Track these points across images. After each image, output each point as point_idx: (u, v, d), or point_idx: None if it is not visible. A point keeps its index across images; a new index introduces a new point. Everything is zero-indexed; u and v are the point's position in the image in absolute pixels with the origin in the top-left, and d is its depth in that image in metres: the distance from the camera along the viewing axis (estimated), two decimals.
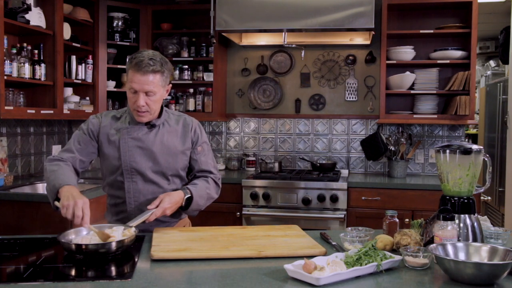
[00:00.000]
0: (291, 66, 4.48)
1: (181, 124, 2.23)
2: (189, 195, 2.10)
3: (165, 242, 1.84)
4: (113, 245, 1.70)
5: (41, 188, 3.48)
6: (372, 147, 4.09)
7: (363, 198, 3.73)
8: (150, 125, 2.15)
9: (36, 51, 3.43)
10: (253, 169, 4.43)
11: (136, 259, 1.71)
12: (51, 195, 1.97)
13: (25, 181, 3.52)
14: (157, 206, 1.99)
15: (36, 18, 3.36)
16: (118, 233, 1.81)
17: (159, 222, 2.15)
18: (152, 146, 2.13)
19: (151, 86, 2.03)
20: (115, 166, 2.14)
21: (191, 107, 4.38)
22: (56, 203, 1.93)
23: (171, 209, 2.04)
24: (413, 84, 4.08)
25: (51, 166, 2.07)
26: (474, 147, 1.84)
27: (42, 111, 3.42)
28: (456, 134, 4.27)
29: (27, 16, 3.27)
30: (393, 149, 4.13)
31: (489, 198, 5.51)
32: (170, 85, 2.19)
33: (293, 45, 4.01)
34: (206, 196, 2.17)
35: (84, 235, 1.84)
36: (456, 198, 1.84)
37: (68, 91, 3.95)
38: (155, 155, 2.13)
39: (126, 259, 1.72)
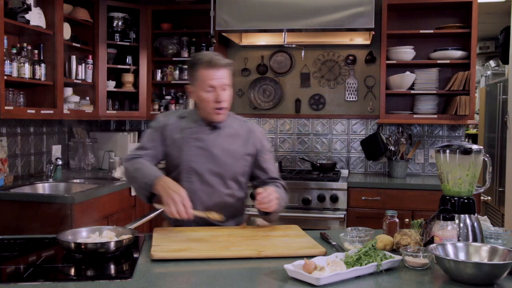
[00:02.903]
0: (291, 66, 4.48)
1: (244, 129, 2.24)
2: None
3: (165, 242, 1.84)
4: (112, 244, 1.70)
5: (41, 188, 3.48)
6: (372, 147, 4.09)
7: (363, 198, 3.73)
8: (213, 127, 2.17)
9: (36, 51, 3.43)
10: None
11: (136, 259, 1.70)
12: (144, 193, 2.04)
13: (25, 181, 3.51)
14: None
15: (36, 18, 3.36)
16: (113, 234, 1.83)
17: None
18: (213, 148, 2.14)
19: (227, 80, 2.11)
20: (175, 164, 2.16)
21: (191, 107, 4.37)
22: (157, 205, 1.95)
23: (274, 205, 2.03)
24: (413, 84, 4.08)
25: (132, 164, 2.11)
26: (474, 147, 1.84)
27: (42, 111, 3.42)
28: (456, 134, 4.27)
29: (27, 16, 3.27)
30: (393, 149, 4.13)
31: (489, 198, 5.51)
32: None
33: (293, 45, 4.01)
34: (283, 201, 2.17)
35: (83, 236, 1.84)
36: (456, 198, 1.84)
37: (68, 91, 3.95)
38: (215, 157, 2.14)
39: (126, 258, 1.72)
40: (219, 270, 1.59)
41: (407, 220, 3.31)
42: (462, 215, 1.82)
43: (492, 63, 7.33)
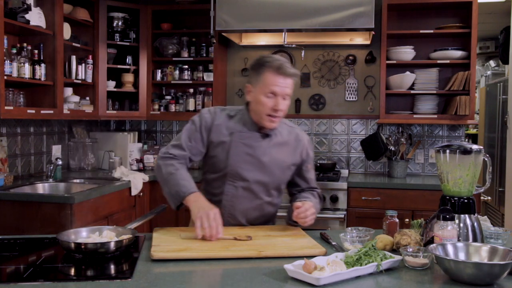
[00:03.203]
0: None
1: (293, 137, 2.20)
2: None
3: (165, 242, 1.83)
4: (112, 244, 1.70)
5: (41, 188, 3.48)
6: (372, 147, 4.09)
7: (363, 198, 3.73)
8: (265, 134, 2.12)
9: (36, 51, 3.43)
10: None
11: (136, 259, 1.70)
12: (174, 201, 2.00)
13: (25, 181, 3.51)
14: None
15: (36, 18, 3.36)
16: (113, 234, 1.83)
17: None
18: (262, 156, 2.10)
19: (290, 90, 2.05)
20: (219, 167, 2.10)
21: (191, 107, 4.38)
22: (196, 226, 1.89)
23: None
24: (413, 84, 4.08)
25: (166, 166, 2.05)
26: (474, 147, 1.84)
27: (42, 111, 3.42)
28: (456, 134, 4.27)
29: (27, 16, 3.27)
30: (393, 149, 4.12)
31: (489, 198, 5.51)
32: None
33: (293, 45, 4.01)
34: (318, 211, 2.16)
35: (83, 236, 1.84)
36: (456, 198, 1.84)
37: (68, 91, 3.95)
38: (263, 165, 2.10)
39: (126, 258, 1.72)
40: (219, 270, 1.59)
41: (407, 220, 3.32)
42: (462, 215, 1.82)
43: (492, 63, 7.33)
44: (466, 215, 1.82)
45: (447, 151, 1.85)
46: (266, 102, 2.02)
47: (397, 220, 1.95)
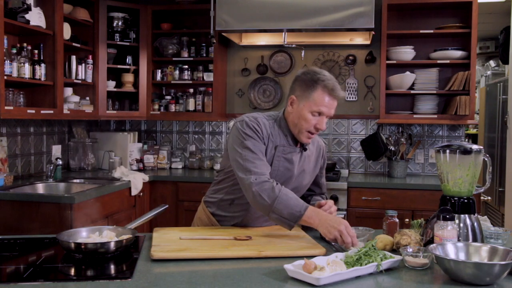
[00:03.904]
0: (291, 66, 4.48)
1: (315, 147, 2.23)
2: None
3: (165, 242, 1.83)
4: (112, 244, 1.70)
5: (41, 188, 3.48)
6: (372, 147, 4.09)
7: (363, 198, 3.73)
8: (303, 148, 2.13)
9: (36, 51, 3.43)
10: None
11: (136, 259, 1.70)
12: (289, 223, 1.89)
13: (25, 181, 3.51)
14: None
15: (36, 18, 3.36)
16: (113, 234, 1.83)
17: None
18: (295, 170, 2.11)
19: (334, 111, 2.04)
20: None
21: (191, 107, 4.38)
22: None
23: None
24: (413, 84, 4.08)
25: (268, 193, 1.90)
26: (474, 147, 1.84)
27: (42, 111, 3.42)
28: (456, 134, 4.27)
29: (27, 16, 3.27)
30: (393, 149, 4.12)
31: (489, 198, 5.51)
32: None
33: (293, 45, 4.01)
34: None
35: (83, 236, 1.84)
36: (456, 198, 1.84)
37: (68, 91, 3.95)
38: (294, 177, 2.11)
39: (126, 258, 1.72)
40: (219, 270, 1.59)
41: (407, 220, 3.31)
42: (462, 215, 1.82)
43: (492, 63, 7.33)
44: (466, 215, 1.82)
45: (447, 151, 1.85)
46: (310, 120, 2.00)
47: (397, 220, 1.95)
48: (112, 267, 1.66)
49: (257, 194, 1.91)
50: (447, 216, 1.69)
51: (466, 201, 1.84)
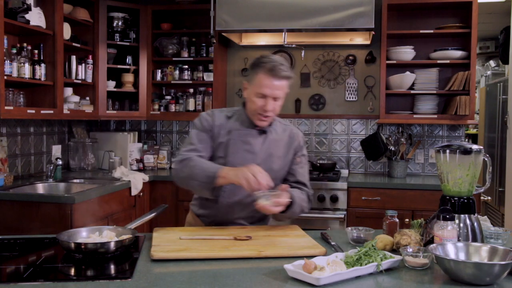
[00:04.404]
0: (291, 66, 4.48)
1: (287, 134, 2.23)
2: (291, 200, 2.05)
3: (165, 242, 1.83)
4: (112, 244, 1.70)
5: (41, 188, 3.48)
6: (372, 147, 4.09)
7: (363, 198, 3.73)
8: (261, 131, 2.16)
9: (36, 51, 3.43)
10: None
11: (136, 259, 1.70)
12: (208, 187, 2.00)
13: (25, 181, 3.51)
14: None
15: (36, 18, 3.36)
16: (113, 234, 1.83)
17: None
18: (260, 152, 2.14)
19: (281, 92, 2.07)
20: (219, 164, 2.10)
21: (191, 107, 4.37)
22: (258, 194, 1.92)
23: (281, 208, 1.99)
24: (413, 84, 4.08)
25: (187, 164, 2.05)
26: (474, 147, 1.84)
27: (42, 111, 3.42)
28: (456, 134, 4.27)
29: (27, 16, 3.27)
30: (393, 149, 4.13)
31: (489, 198, 5.51)
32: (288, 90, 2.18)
33: (293, 45, 4.01)
34: (300, 207, 2.12)
35: (83, 236, 1.84)
36: (456, 198, 1.84)
37: (68, 91, 3.95)
38: (261, 161, 2.11)
39: (126, 258, 1.72)
40: (219, 270, 1.59)
41: (407, 220, 3.32)
42: (462, 215, 1.82)
43: (492, 63, 7.34)
44: (466, 215, 1.82)
45: (447, 151, 1.85)
46: (256, 102, 2.08)
47: (397, 220, 1.95)
48: (112, 267, 1.66)
49: (179, 169, 2.08)
50: (447, 216, 1.69)
51: (466, 201, 1.84)
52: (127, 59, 4.37)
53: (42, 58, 3.47)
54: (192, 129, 2.20)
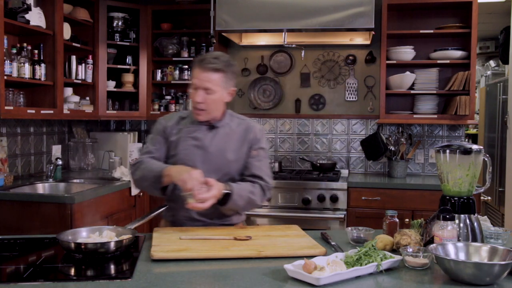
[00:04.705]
0: (291, 66, 4.48)
1: (242, 127, 2.22)
2: (228, 192, 2.03)
3: (165, 242, 1.84)
4: (112, 244, 1.70)
5: (41, 188, 3.48)
6: (372, 147, 4.09)
7: (363, 198, 3.73)
8: (210, 126, 2.18)
9: (36, 51, 3.43)
10: None
11: (136, 259, 1.70)
12: (157, 186, 2.06)
13: (25, 181, 3.51)
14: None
15: (36, 18, 3.36)
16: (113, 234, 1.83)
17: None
18: (209, 147, 2.15)
19: (210, 84, 2.08)
20: (171, 163, 2.14)
21: (191, 107, 4.36)
22: (185, 194, 1.95)
23: (212, 201, 1.97)
24: (413, 84, 4.08)
25: (138, 167, 2.13)
26: (474, 147, 1.84)
27: (42, 111, 3.42)
28: (456, 134, 4.27)
29: (27, 16, 3.27)
30: (393, 149, 4.12)
31: (489, 198, 5.51)
32: (234, 88, 2.20)
33: (293, 45, 4.01)
34: (247, 199, 2.08)
35: (83, 236, 1.84)
36: (456, 198, 1.84)
37: (68, 91, 3.95)
38: (210, 156, 2.13)
39: (126, 258, 1.72)
40: (219, 270, 1.59)
41: (407, 220, 3.32)
42: (462, 215, 1.82)
43: (492, 63, 7.33)
44: (466, 215, 1.82)
45: (447, 151, 1.85)
46: (191, 95, 2.13)
47: (397, 220, 1.95)
48: (112, 267, 1.66)
49: (132, 172, 2.16)
50: (447, 216, 1.69)
51: (466, 201, 1.84)
52: (127, 59, 4.37)
53: (42, 58, 3.47)
54: (150, 134, 2.28)
